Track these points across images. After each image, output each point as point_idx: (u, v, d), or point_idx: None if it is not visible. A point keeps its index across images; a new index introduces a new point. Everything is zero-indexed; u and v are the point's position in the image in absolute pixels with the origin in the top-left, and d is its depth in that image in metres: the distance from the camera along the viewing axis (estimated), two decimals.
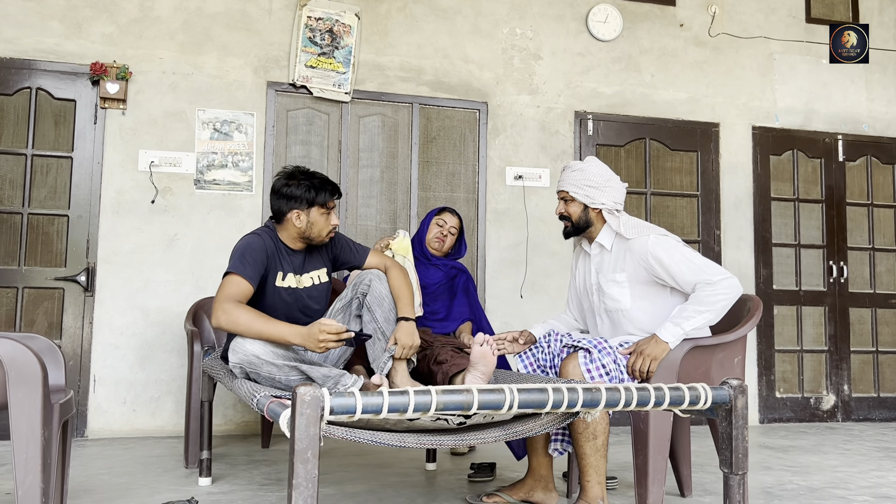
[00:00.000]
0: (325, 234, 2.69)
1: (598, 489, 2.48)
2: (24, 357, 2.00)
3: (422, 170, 4.78)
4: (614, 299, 2.70)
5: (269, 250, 2.62)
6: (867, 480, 3.36)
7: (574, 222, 2.75)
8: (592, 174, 2.70)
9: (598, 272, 2.76)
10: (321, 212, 2.66)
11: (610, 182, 2.71)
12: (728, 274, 2.56)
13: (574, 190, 2.71)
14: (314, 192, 2.64)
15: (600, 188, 2.69)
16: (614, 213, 2.72)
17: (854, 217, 5.51)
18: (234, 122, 4.48)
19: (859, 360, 5.41)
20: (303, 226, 2.66)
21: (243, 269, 2.52)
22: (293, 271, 2.69)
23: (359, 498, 2.88)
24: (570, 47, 5.10)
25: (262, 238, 2.63)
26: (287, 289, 2.67)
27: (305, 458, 1.37)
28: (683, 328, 2.51)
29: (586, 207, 2.72)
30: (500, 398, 1.56)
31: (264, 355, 2.37)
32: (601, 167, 2.74)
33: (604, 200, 2.69)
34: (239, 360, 2.40)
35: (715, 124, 5.29)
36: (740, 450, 1.75)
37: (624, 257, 2.68)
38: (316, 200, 2.64)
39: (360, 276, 2.72)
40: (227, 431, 4.34)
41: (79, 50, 4.30)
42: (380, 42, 4.77)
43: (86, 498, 2.82)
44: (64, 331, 4.19)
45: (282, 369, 2.38)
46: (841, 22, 5.57)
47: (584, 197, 2.70)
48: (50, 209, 4.23)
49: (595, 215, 2.74)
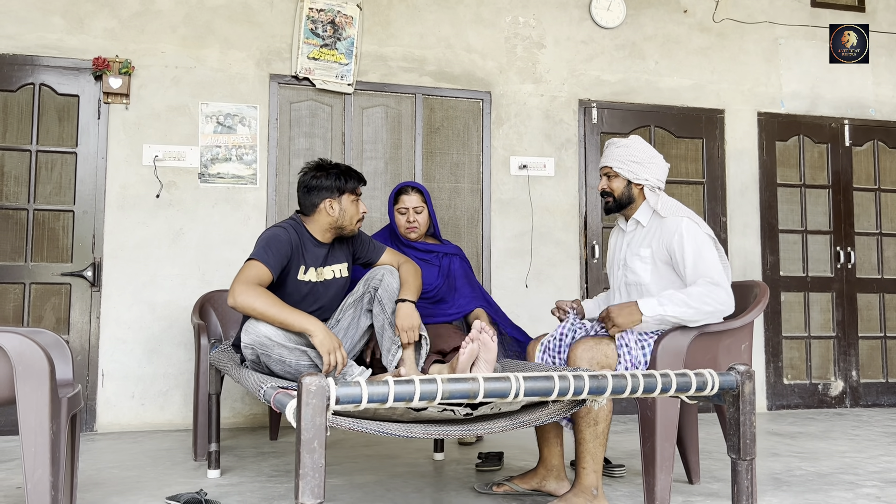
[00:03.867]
0: (355, 221, 2.73)
1: (593, 477, 2.46)
2: (31, 352, 2.00)
3: (426, 161, 4.77)
4: (635, 273, 2.71)
5: (293, 244, 2.62)
6: (876, 465, 3.35)
7: (616, 198, 2.76)
8: (637, 150, 2.72)
9: (628, 247, 2.78)
10: (351, 199, 2.70)
11: (654, 159, 2.73)
12: (728, 287, 2.52)
13: (618, 165, 2.73)
14: (343, 180, 2.68)
15: (644, 164, 2.71)
16: (655, 190, 2.73)
17: (861, 202, 5.48)
18: (238, 116, 4.48)
19: (867, 345, 5.39)
20: (336, 214, 2.68)
21: (266, 258, 2.52)
22: (315, 265, 2.70)
23: (367, 488, 2.89)
24: (573, 35, 5.07)
25: (287, 231, 2.63)
26: (307, 282, 2.68)
27: (312, 447, 1.37)
28: (664, 311, 2.47)
29: (629, 183, 2.73)
30: (506, 386, 1.55)
31: (276, 337, 2.38)
32: (645, 144, 2.76)
33: (647, 176, 2.71)
34: (251, 340, 2.41)
35: (720, 111, 5.26)
36: (748, 435, 1.75)
37: (653, 234, 2.69)
38: (346, 188, 2.68)
39: (372, 272, 2.73)
40: (235, 424, 4.36)
41: (81, 45, 4.30)
42: (382, 32, 4.75)
43: (95, 491, 2.83)
44: (71, 326, 4.21)
45: (293, 352, 2.40)
46: (846, 6, 5.53)
47: (628, 172, 2.71)
48: (55, 205, 4.24)
49: (637, 192, 2.75)
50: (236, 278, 2.48)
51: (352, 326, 2.73)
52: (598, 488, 2.47)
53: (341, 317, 2.74)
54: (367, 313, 2.74)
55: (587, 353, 2.52)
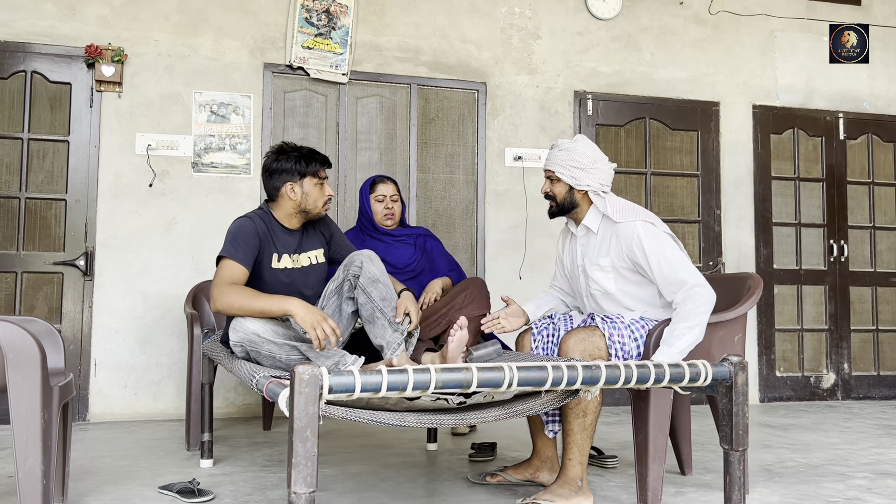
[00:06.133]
0: (320, 204, 2.70)
1: (579, 469, 2.46)
2: (22, 340, 1.99)
3: (420, 151, 4.76)
4: (598, 283, 2.67)
5: (260, 232, 2.61)
6: (867, 457, 3.37)
7: (559, 202, 2.71)
8: (579, 154, 2.65)
9: (584, 255, 2.73)
10: (314, 182, 2.68)
11: (597, 163, 2.65)
12: (703, 279, 2.50)
13: (560, 170, 2.67)
14: (304, 163, 2.66)
15: (587, 169, 2.64)
16: (600, 194, 2.67)
17: (855, 196, 5.49)
18: (231, 105, 4.46)
19: (859, 338, 5.42)
20: (298, 198, 2.66)
21: (235, 253, 2.52)
22: (288, 251, 2.68)
23: (360, 478, 2.89)
24: (569, 26, 5.06)
25: (253, 221, 2.62)
26: (284, 270, 2.66)
27: (304, 436, 1.37)
28: (678, 347, 2.43)
29: (572, 188, 2.68)
30: (499, 376, 1.55)
31: (264, 333, 2.37)
32: (589, 147, 2.68)
33: (589, 182, 2.64)
34: (240, 338, 2.40)
35: (715, 103, 5.25)
36: (740, 426, 1.75)
37: (609, 242, 2.64)
38: (307, 171, 2.66)
39: (350, 258, 2.67)
40: (228, 414, 4.35)
41: (73, 32, 4.27)
42: (377, 22, 4.73)
43: (88, 480, 2.83)
44: (64, 315, 4.19)
45: (282, 348, 2.38)
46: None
47: (569, 178, 2.65)
48: (47, 193, 4.21)
49: (581, 196, 2.69)
50: (213, 283, 2.48)
51: (335, 314, 2.71)
52: (583, 479, 2.46)
53: (325, 304, 2.71)
54: (350, 300, 2.71)
55: (579, 346, 2.51)
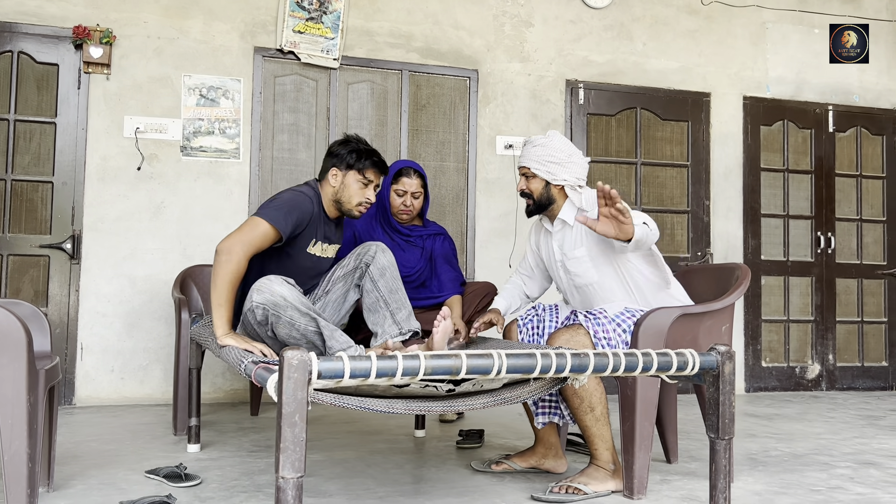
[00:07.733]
0: (354, 203, 2.68)
1: (608, 454, 2.55)
2: (7, 322, 1.98)
3: (411, 138, 4.74)
4: (580, 276, 2.69)
5: (313, 217, 2.62)
6: (850, 447, 3.41)
7: (536, 199, 2.71)
8: (554, 149, 2.65)
9: (561, 249, 2.74)
10: (357, 178, 2.66)
11: (572, 157, 2.66)
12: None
13: (535, 166, 2.67)
14: (355, 157, 2.65)
15: (563, 164, 2.64)
16: (576, 188, 2.68)
17: (842, 188, 5.52)
18: (221, 89, 4.42)
19: (844, 330, 5.46)
20: (336, 185, 2.67)
21: (284, 225, 2.49)
22: (325, 240, 2.70)
23: (347, 464, 2.90)
24: (561, 14, 5.04)
25: (312, 203, 2.62)
26: (313, 256, 2.68)
27: (293, 421, 1.36)
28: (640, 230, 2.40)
29: (548, 184, 2.68)
30: (488, 363, 1.55)
31: (291, 298, 2.35)
32: (564, 142, 2.69)
33: (566, 177, 2.65)
34: (264, 299, 2.35)
35: (706, 94, 5.26)
36: (727, 415, 1.76)
37: (585, 232, 2.65)
38: (355, 165, 2.65)
39: (363, 247, 2.71)
40: (215, 399, 4.34)
41: (61, 13, 4.21)
42: (369, 7, 4.70)
43: (74, 464, 2.82)
44: (50, 298, 4.16)
45: (304, 316, 2.36)
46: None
47: (546, 174, 2.65)
48: (34, 175, 4.17)
49: (557, 192, 2.70)
50: (241, 232, 2.44)
51: (339, 300, 2.74)
52: (616, 463, 2.55)
53: (330, 288, 2.73)
54: (356, 288, 2.73)
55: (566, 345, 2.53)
